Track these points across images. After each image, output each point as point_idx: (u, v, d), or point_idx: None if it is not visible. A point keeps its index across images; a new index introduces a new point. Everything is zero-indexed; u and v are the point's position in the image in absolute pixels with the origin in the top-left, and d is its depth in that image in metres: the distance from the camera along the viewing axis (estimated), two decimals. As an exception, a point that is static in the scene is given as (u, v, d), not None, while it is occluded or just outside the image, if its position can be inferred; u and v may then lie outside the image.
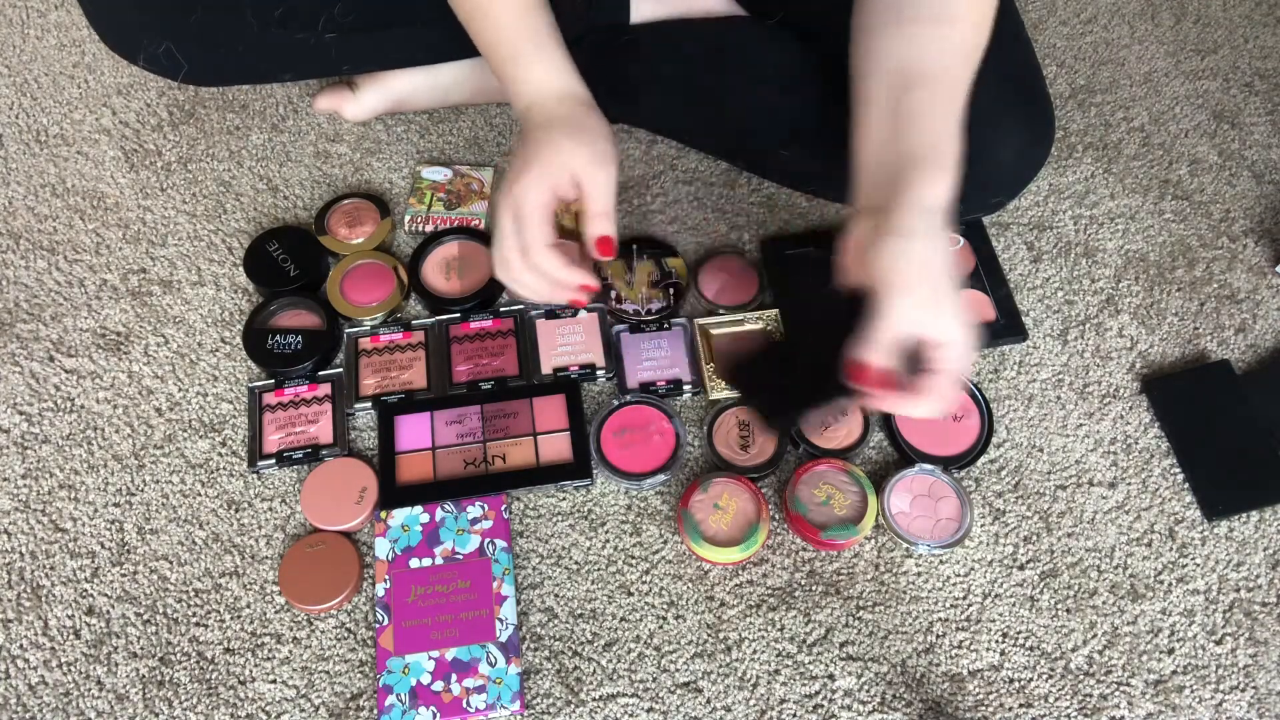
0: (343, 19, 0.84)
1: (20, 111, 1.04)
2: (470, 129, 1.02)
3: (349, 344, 0.88)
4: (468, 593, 0.75)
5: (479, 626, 0.74)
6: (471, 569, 0.76)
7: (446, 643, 0.74)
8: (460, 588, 0.75)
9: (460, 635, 0.74)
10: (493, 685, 0.72)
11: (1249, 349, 0.89)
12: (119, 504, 0.82)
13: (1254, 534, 0.80)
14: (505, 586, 0.76)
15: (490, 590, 0.76)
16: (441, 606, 0.75)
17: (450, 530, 0.78)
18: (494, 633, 0.74)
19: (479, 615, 0.75)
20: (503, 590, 0.76)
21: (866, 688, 0.74)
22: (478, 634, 0.74)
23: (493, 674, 0.73)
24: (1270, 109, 1.05)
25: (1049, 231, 0.96)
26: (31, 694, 0.74)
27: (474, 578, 0.76)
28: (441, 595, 0.75)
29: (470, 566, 0.77)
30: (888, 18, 0.69)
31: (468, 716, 0.71)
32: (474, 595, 0.75)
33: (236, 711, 0.73)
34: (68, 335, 0.90)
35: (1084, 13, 1.13)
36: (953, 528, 0.79)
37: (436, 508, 0.79)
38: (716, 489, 0.79)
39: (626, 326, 0.89)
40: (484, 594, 0.75)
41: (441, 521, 0.79)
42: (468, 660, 0.73)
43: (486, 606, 0.75)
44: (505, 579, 0.76)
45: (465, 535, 0.78)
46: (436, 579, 0.76)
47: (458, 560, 0.77)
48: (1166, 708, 0.74)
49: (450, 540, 0.78)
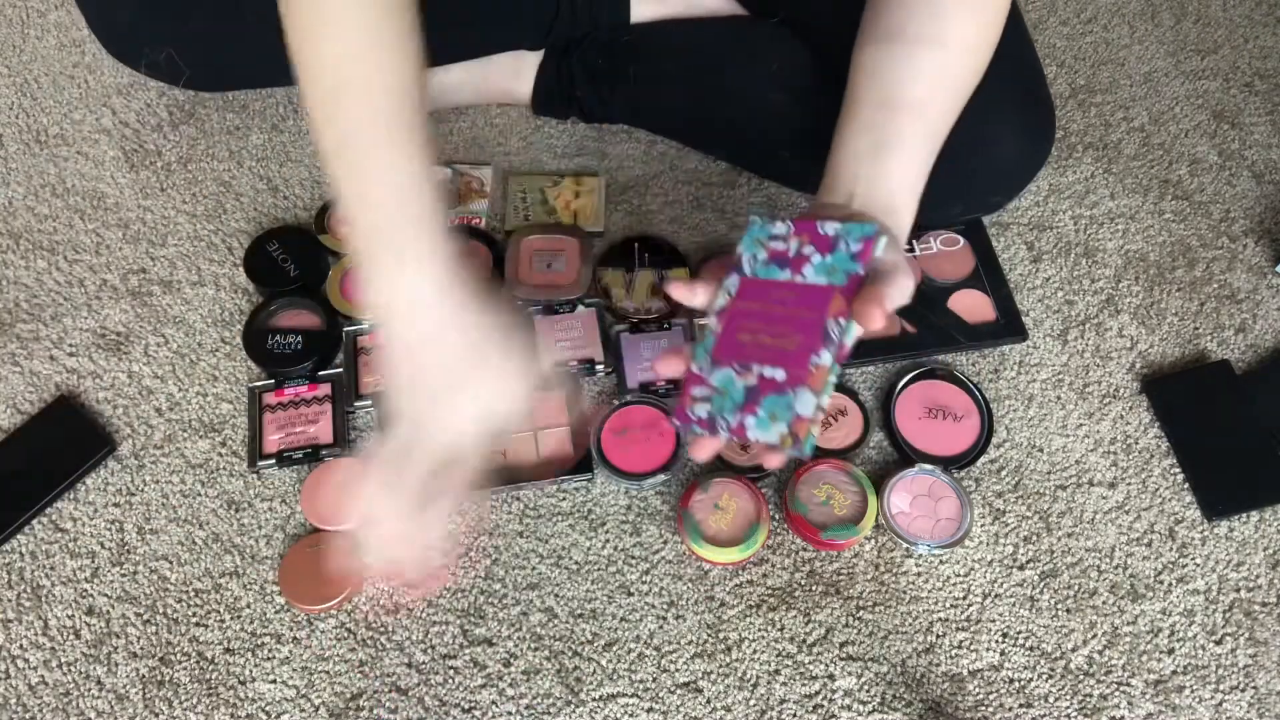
0: None
1: (20, 111, 1.04)
2: (470, 129, 1.02)
3: (348, 342, 0.88)
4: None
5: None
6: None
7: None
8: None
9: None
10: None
11: (1249, 349, 0.89)
12: (119, 504, 0.82)
13: (1254, 534, 0.80)
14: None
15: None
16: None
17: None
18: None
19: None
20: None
21: (866, 688, 0.74)
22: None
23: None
24: (1270, 109, 1.05)
25: (1049, 231, 0.96)
26: (31, 694, 0.74)
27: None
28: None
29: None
30: (883, 34, 0.69)
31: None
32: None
33: (236, 711, 0.73)
34: (68, 335, 0.90)
35: (1084, 13, 1.13)
36: (953, 528, 0.79)
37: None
38: (716, 489, 0.79)
39: (626, 327, 0.89)
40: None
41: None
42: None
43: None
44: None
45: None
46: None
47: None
48: (1166, 708, 0.74)
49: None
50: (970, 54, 0.69)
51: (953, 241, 0.93)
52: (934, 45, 0.67)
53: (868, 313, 0.58)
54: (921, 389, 0.85)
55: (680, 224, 0.96)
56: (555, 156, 1.01)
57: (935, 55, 0.67)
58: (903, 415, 0.84)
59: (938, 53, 0.67)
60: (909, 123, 0.67)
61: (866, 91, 0.69)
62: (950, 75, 0.68)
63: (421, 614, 0.77)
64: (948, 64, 0.68)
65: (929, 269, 0.92)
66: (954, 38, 0.67)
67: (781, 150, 0.90)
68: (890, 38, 0.68)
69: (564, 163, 1.00)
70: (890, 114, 0.67)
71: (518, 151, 1.01)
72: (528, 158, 1.01)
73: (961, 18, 0.67)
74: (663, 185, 0.99)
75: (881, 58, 0.68)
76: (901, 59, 0.67)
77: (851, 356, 0.87)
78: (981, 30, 0.69)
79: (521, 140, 1.02)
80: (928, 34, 0.67)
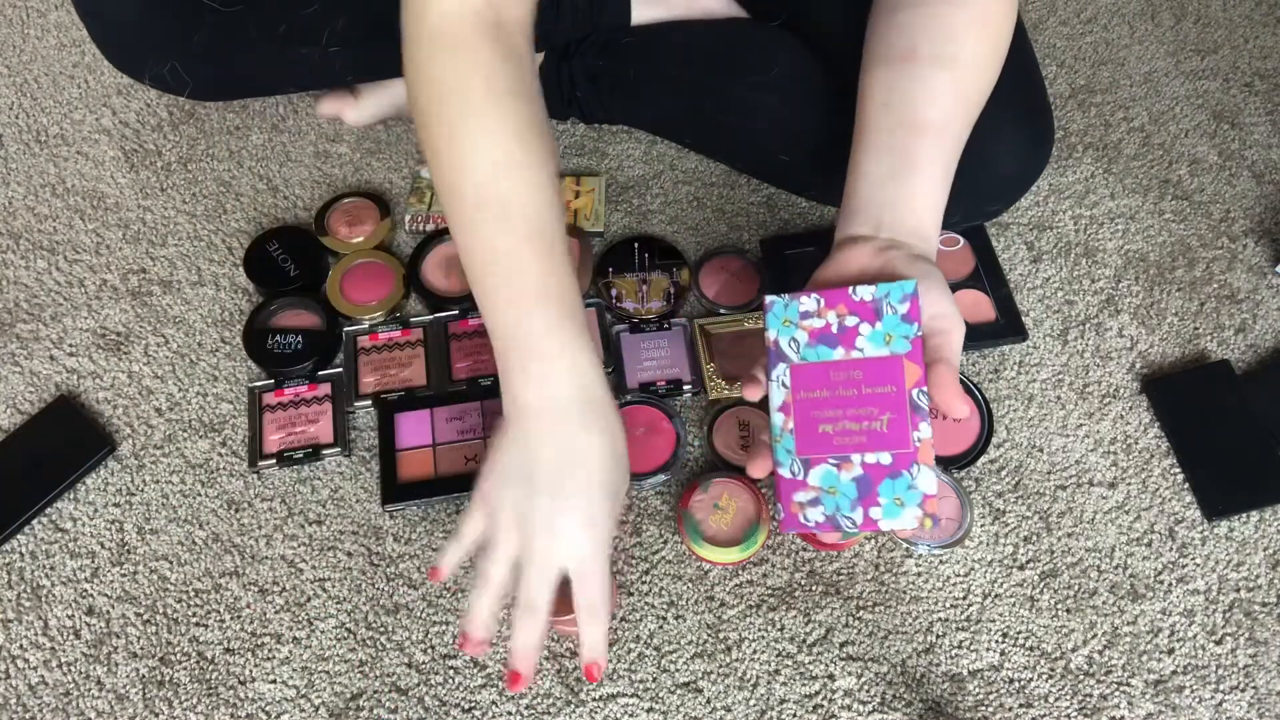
0: (346, 33, 0.84)
1: (20, 111, 1.04)
2: (470, 129, 1.02)
3: (348, 342, 0.88)
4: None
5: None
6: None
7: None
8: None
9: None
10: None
11: (1249, 349, 0.89)
12: (119, 504, 0.82)
13: (1254, 534, 0.80)
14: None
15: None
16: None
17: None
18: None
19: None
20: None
21: (866, 688, 0.74)
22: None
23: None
24: (1270, 109, 1.05)
25: (1049, 231, 0.96)
26: (31, 694, 0.74)
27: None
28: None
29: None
30: (895, 56, 0.69)
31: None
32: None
33: (236, 711, 0.73)
34: (68, 335, 0.90)
35: (1084, 13, 1.13)
36: (953, 528, 0.79)
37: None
38: (716, 489, 0.79)
39: (626, 326, 0.89)
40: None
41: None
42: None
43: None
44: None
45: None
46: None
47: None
48: (1166, 708, 0.74)
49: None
50: (982, 71, 0.68)
51: (953, 241, 0.93)
52: (948, 65, 0.67)
53: (949, 404, 0.59)
54: (921, 389, 0.85)
55: (680, 224, 0.96)
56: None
57: (949, 75, 0.67)
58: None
59: (951, 72, 0.67)
60: (929, 144, 0.66)
61: (882, 115, 0.68)
62: (964, 94, 0.67)
63: (421, 614, 0.77)
64: (961, 83, 0.67)
65: (929, 269, 0.92)
66: (966, 56, 0.67)
67: (781, 154, 0.90)
68: (902, 59, 0.68)
69: (564, 163, 1.00)
70: (908, 136, 0.66)
71: (518, 151, 1.01)
72: (528, 158, 1.00)
73: (973, 36, 0.67)
74: (663, 185, 0.99)
75: (894, 80, 0.68)
76: (915, 80, 0.67)
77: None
78: (992, 47, 0.69)
79: (521, 140, 1.02)
80: (941, 54, 0.67)
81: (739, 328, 0.89)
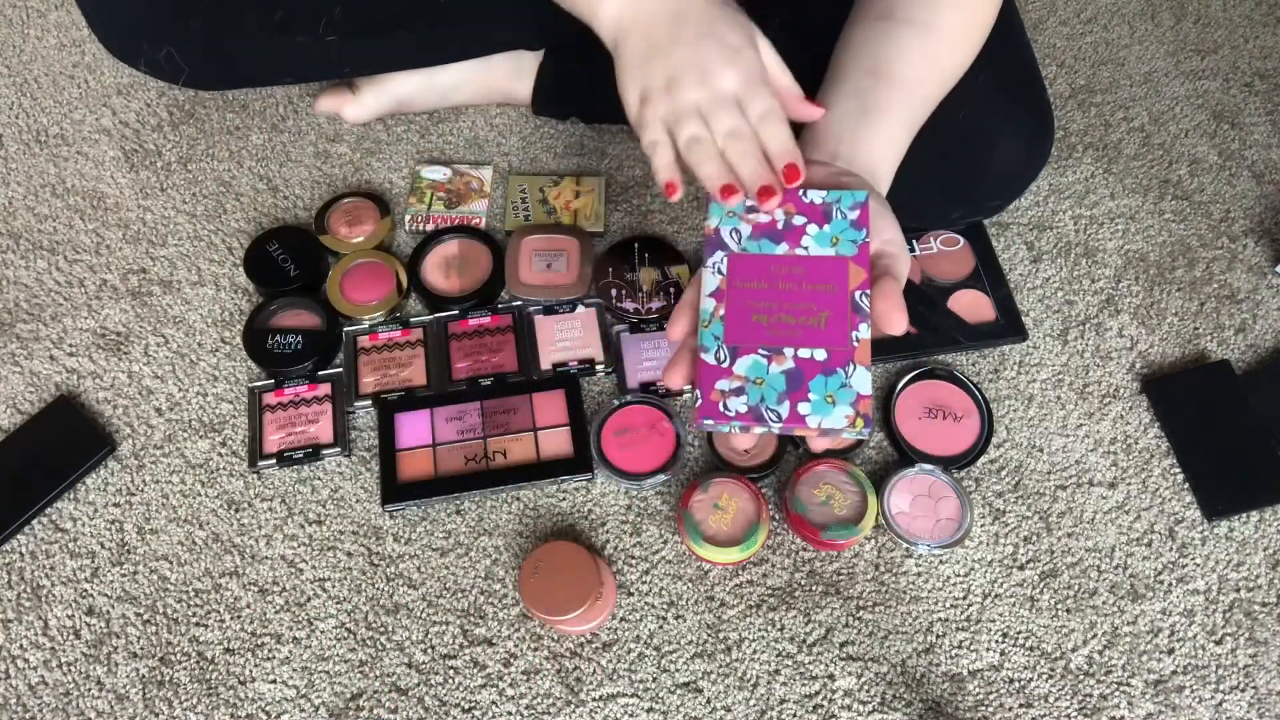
0: (343, 22, 0.84)
1: (20, 111, 1.04)
2: (470, 129, 1.02)
3: (348, 342, 0.88)
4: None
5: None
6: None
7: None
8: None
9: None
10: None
11: (1249, 349, 0.89)
12: (119, 504, 0.82)
13: (1254, 534, 0.80)
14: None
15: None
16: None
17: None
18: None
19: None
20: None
21: (866, 688, 0.74)
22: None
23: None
24: (1270, 109, 1.05)
25: (1049, 231, 0.96)
26: (31, 694, 0.74)
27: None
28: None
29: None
30: (874, 14, 0.71)
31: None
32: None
33: (236, 711, 0.73)
34: (68, 335, 0.90)
35: (1084, 13, 1.13)
36: (953, 528, 0.79)
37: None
38: (716, 489, 0.79)
39: (626, 326, 0.89)
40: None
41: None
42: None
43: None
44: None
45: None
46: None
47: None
48: (1166, 708, 0.74)
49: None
50: (956, 43, 0.70)
51: (953, 241, 0.93)
52: (922, 29, 0.68)
53: (889, 315, 0.57)
54: (921, 389, 0.85)
55: (680, 224, 0.96)
56: (555, 156, 1.01)
57: (923, 38, 0.69)
58: (903, 415, 0.84)
59: (925, 36, 0.69)
60: (897, 96, 0.68)
61: (855, 60, 0.70)
62: (935, 59, 0.69)
63: (421, 614, 0.77)
64: (934, 49, 0.69)
65: (929, 269, 0.92)
66: (942, 25, 0.69)
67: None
68: (880, 17, 0.70)
69: (564, 163, 1.00)
70: (878, 83, 0.68)
71: (518, 151, 1.01)
72: (528, 158, 1.01)
73: (950, 5, 0.69)
74: (663, 185, 0.99)
75: (871, 33, 0.70)
76: (891, 36, 0.69)
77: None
78: (969, 22, 0.70)
79: (521, 140, 1.02)
80: (917, 18, 0.69)
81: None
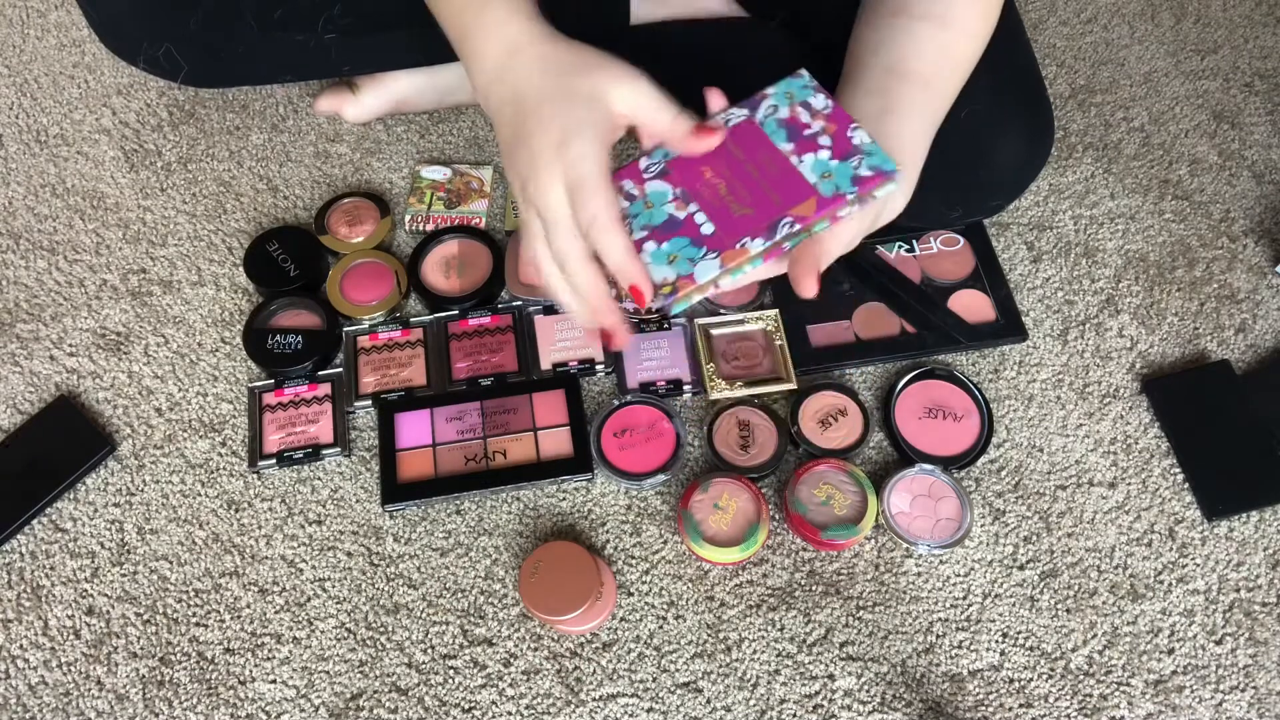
0: (342, 20, 0.84)
1: (20, 111, 1.04)
2: (470, 129, 1.02)
3: (348, 342, 0.88)
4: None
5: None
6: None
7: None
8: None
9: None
10: None
11: (1249, 349, 0.89)
12: (119, 504, 0.82)
13: (1254, 534, 0.80)
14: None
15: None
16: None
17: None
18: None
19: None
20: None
21: (866, 688, 0.74)
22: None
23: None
24: (1270, 109, 1.05)
25: (1049, 231, 0.96)
26: (31, 694, 0.74)
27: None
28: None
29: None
30: (888, 9, 0.70)
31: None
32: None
33: (236, 711, 0.73)
34: (68, 335, 0.90)
35: (1084, 13, 1.13)
36: (953, 528, 0.79)
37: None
38: (716, 489, 0.79)
39: (626, 326, 0.89)
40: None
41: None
42: None
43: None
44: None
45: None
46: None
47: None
48: (1166, 708, 0.74)
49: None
50: (970, 38, 0.70)
51: (953, 241, 0.93)
52: (938, 24, 0.68)
53: (804, 282, 0.57)
54: (921, 389, 0.85)
55: (680, 224, 0.96)
56: (555, 156, 1.01)
57: (939, 33, 0.68)
58: (903, 415, 0.84)
59: (941, 31, 0.68)
60: (917, 92, 0.67)
61: (872, 60, 0.69)
62: (951, 52, 0.69)
63: (421, 614, 0.77)
64: (949, 42, 0.69)
65: (929, 269, 0.92)
66: (955, 18, 0.69)
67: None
68: (892, 14, 0.70)
69: (564, 163, 1.00)
70: (897, 82, 0.67)
71: (518, 151, 1.01)
72: (528, 158, 1.00)
73: (963, 1, 0.69)
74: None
75: (883, 33, 0.70)
76: (904, 34, 0.69)
77: (853, 356, 0.87)
78: (981, 14, 0.70)
79: (521, 140, 1.02)
80: (930, 13, 0.68)
81: (739, 328, 0.89)
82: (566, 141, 0.58)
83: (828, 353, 0.87)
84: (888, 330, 0.89)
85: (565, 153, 0.58)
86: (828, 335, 0.88)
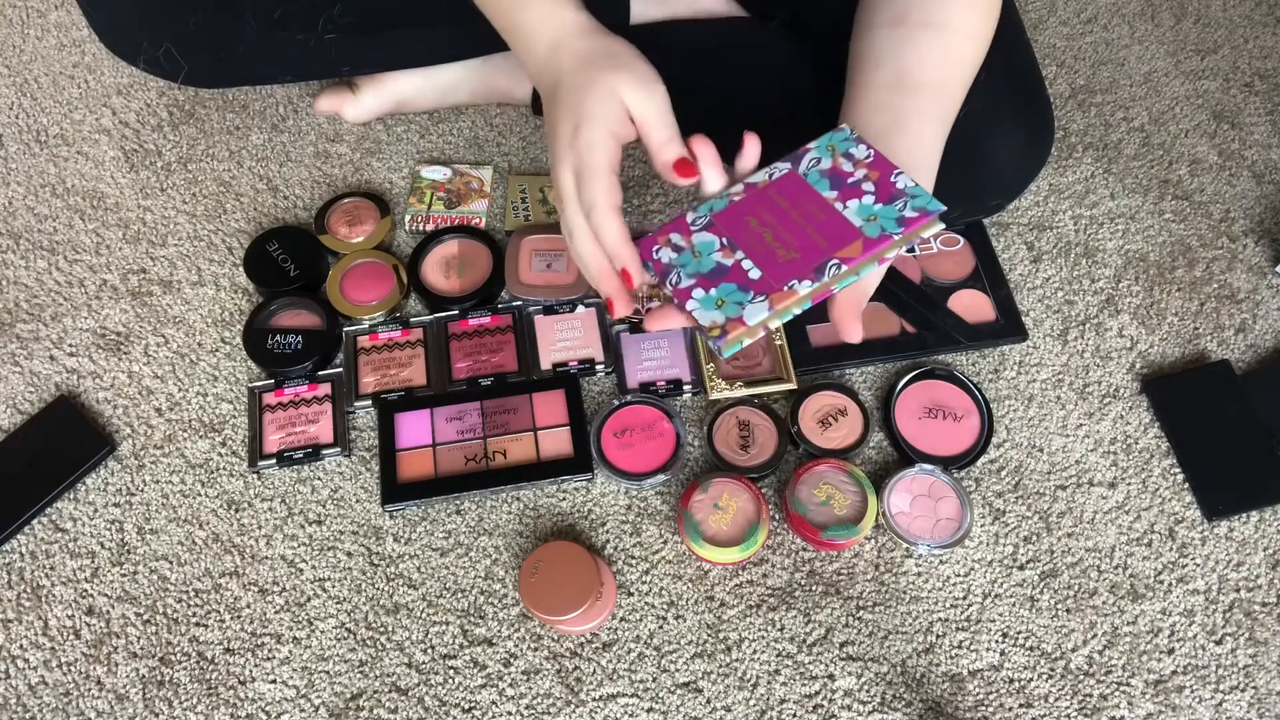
0: (342, 20, 0.84)
1: (20, 111, 1.04)
2: (470, 129, 1.02)
3: (348, 342, 0.88)
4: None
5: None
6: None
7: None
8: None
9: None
10: None
11: (1249, 349, 0.89)
12: (119, 504, 0.82)
13: (1254, 534, 0.80)
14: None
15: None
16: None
17: None
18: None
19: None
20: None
21: (866, 688, 0.74)
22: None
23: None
24: (1270, 109, 1.05)
25: (1049, 231, 0.96)
26: (31, 694, 0.74)
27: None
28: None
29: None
30: (886, 18, 0.70)
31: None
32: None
33: (236, 711, 0.73)
34: (68, 335, 0.90)
35: (1084, 13, 1.13)
36: (953, 528, 0.79)
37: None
38: (716, 489, 0.79)
39: (626, 326, 0.89)
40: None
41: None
42: None
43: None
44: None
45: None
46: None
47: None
48: (1166, 708, 0.74)
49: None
50: (971, 41, 0.70)
51: (953, 241, 0.93)
52: (938, 30, 0.68)
53: (848, 327, 0.61)
54: (921, 389, 0.85)
55: (680, 224, 0.96)
56: (555, 156, 1.01)
57: (938, 38, 0.68)
58: (903, 415, 0.84)
59: (942, 36, 0.68)
60: (924, 102, 0.68)
61: (875, 74, 0.69)
62: (954, 57, 0.69)
63: (421, 614, 0.77)
64: (951, 47, 0.69)
65: (929, 269, 0.92)
66: (955, 23, 0.69)
67: (781, 154, 0.90)
68: (893, 23, 0.70)
69: (564, 163, 1.00)
70: (903, 94, 0.68)
71: (517, 151, 1.01)
72: (528, 158, 1.01)
73: (961, 3, 0.69)
74: (663, 185, 0.99)
75: (888, 42, 0.70)
76: (905, 43, 0.69)
77: (852, 356, 0.87)
78: (981, 16, 0.70)
79: (521, 140, 1.02)
80: (930, 19, 0.68)
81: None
82: (579, 129, 0.63)
83: (828, 353, 0.87)
84: (888, 330, 0.89)
85: (577, 139, 0.63)
86: (828, 335, 0.88)
